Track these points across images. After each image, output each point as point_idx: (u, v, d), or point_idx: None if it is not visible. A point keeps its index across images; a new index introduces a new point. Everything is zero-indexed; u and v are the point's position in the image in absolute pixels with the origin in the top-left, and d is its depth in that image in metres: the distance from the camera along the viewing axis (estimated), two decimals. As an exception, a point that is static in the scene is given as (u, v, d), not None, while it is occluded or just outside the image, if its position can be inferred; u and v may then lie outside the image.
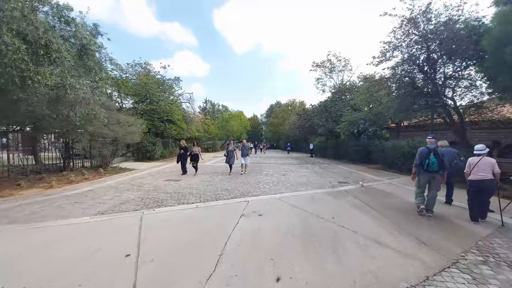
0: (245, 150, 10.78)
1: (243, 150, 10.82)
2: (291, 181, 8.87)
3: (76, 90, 5.15)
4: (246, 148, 10.90)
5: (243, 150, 10.80)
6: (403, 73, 9.47)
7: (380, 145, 13.65)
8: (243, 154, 10.72)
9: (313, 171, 12.43)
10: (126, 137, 11.57)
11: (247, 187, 7.51)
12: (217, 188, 7.33)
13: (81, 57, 6.06)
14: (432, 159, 4.59)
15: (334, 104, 19.42)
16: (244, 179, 9.14)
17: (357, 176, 10.48)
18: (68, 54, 5.30)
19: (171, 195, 6.44)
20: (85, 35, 5.95)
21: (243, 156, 10.71)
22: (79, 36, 5.73)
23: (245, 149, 10.83)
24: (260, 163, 16.85)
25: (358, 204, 5.71)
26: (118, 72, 19.00)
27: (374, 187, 7.99)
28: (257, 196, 6.36)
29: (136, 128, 12.18)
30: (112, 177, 9.47)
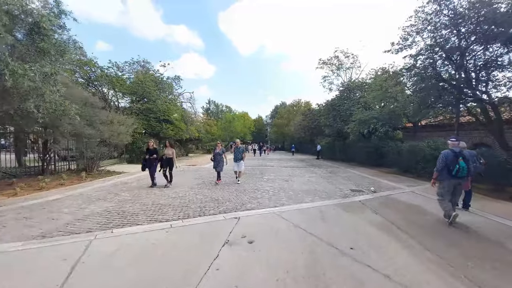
0: (238, 153, 8.41)
1: (236, 153, 8.47)
2: (295, 189, 7.60)
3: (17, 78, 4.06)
4: (240, 150, 8.47)
5: (236, 153, 8.45)
6: (427, 62, 8.07)
7: (395, 147, 12.23)
8: (236, 159, 8.44)
9: (320, 175, 11.12)
10: (113, 138, 10.53)
11: (241, 197, 6.28)
12: (205, 198, 6.12)
13: (31, 37, 5.00)
14: (462, 164, 4.14)
15: (343, 103, 18.04)
16: (240, 186, 7.92)
17: (371, 183, 9.12)
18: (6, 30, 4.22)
19: (147, 207, 5.27)
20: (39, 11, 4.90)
21: (236, 161, 8.46)
22: (28, 10, 4.68)
23: (238, 152, 8.43)
24: (262, 165, 15.61)
25: (382, 223, 4.41)
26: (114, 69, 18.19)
27: (394, 198, 6.64)
28: (252, 210, 5.12)
29: (125, 128, 11.12)
30: (92, 183, 8.40)
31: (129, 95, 18.00)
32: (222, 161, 8.35)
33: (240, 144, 8.82)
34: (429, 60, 8.19)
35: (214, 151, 8.59)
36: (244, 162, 8.56)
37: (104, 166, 12.17)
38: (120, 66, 18.86)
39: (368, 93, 13.70)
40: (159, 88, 19.21)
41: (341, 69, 23.06)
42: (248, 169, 13.35)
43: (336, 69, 23.46)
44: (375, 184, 8.79)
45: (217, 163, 8.31)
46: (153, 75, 20.25)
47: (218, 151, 8.38)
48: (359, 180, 9.90)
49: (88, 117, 9.66)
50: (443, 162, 4.29)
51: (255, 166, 15.37)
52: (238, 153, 8.47)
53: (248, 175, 10.68)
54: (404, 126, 14.00)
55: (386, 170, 13.07)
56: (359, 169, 13.85)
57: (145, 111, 16.97)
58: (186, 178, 9.66)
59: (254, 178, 9.80)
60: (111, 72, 17.57)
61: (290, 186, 8.16)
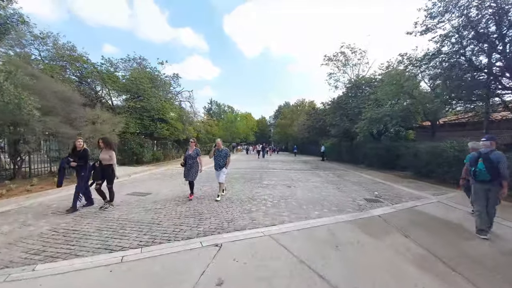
0: (220, 158, 6.12)
1: (216, 158, 6.15)
2: (299, 198, 6.36)
3: None
4: (223, 154, 6.16)
5: (217, 158, 6.14)
6: (456, 48, 6.76)
7: (412, 148, 10.88)
8: (217, 165, 6.12)
9: (327, 180, 9.85)
10: (95, 137, 9.43)
11: (232, 210, 5.06)
12: (187, 211, 4.93)
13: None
14: (480, 165, 3.84)
15: (350, 100, 16.73)
16: (233, 195, 6.71)
17: (387, 189, 7.83)
18: None
19: (106, 225, 4.11)
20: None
21: (216, 169, 6.15)
22: None
23: (220, 155, 6.13)
24: (262, 168, 14.39)
25: (422, 257, 3.14)
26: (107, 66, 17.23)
27: (422, 211, 5.35)
28: (241, 230, 3.90)
29: (109, 127, 10.03)
30: (62, 189, 7.28)
31: (123, 93, 16.99)
32: (195, 167, 6.01)
33: (221, 145, 6.30)
34: (458, 45, 6.87)
35: (185, 153, 6.16)
36: (227, 170, 6.35)
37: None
38: (114, 63, 17.86)
39: (380, 88, 12.36)
40: (155, 86, 18.17)
41: (348, 65, 21.70)
42: (247, 172, 12.15)
43: (342, 66, 22.11)
44: (392, 191, 7.51)
45: (188, 169, 5.94)
46: (150, 73, 19.26)
47: (190, 153, 5.99)
48: (372, 186, 8.60)
49: (65, 114, 8.62)
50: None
51: (255, 168, 14.16)
52: (220, 158, 6.11)
53: (245, 180, 9.48)
54: (420, 125, 12.63)
55: (400, 174, 11.73)
56: (369, 172, 12.53)
57: (139, 110, 15.93)
58: (175, 183, 8.50)
59: (252, 183, 8.59)
60: (103, 69, 16.58)
61: (292, 193, 6.92)
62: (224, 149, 6.27)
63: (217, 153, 6.19)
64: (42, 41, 15.03)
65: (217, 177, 6.22)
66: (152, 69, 20.13)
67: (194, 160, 5.98)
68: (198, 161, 6.04)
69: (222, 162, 6.12)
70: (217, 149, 6.23)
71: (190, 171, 5.99)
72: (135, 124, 15.02)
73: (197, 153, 6.09)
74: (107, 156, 5.22)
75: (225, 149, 6.28)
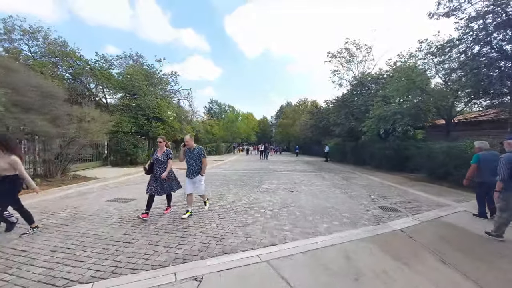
0: (192, 161, 4.53)
1: (188, 161, 4.57)
2: (303, 205, 5.52)
3: None
4: (195, 155, 4.54)
5: (189, 161, 4.56)
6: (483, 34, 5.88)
7: (425, 148, 9.99)
8: (190, 171, 4.55)
9: (333, 183, 8.99)
10: (80, 136, 8.68)
11: (222, 224, 4.21)
12: (169, 224, 4.10)
13: None
14: None
15: (356, 98, 15.84)
16: (227, 201, 5.88)
17: (402, 195, 6.98)
18: None
19: (65, 243, 3.30)
20: None
21: (189, 176, 4.57)
22: None
23: (192, 157, 4.53)
24: (262, 169, 13.55)
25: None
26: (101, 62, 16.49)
27: (451, 223, 4.49)
28: (231, 254, 3.06)
29: (97, 125, 9.26)
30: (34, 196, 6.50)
31: (118, 91, 16.24)
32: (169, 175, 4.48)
33: (192, 143, 4.60)
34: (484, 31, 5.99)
35: (152, 156, 4.61)
36: (204, 178, 4.69)
37: (78, 170, 10.36)
38: (108, 60, 17.12)
39: (389, 84, 11.47)
40: (151, 83, 17.42)
41: (352, 62, 20.82)
42: (246, 173, 11.32)
43: (346, 63, 21.24)
44: (407, 197, 6.64)
45: (154, 178, 4.42)
46: (146, 70, 18.51)
47: (158, 156, 4.44)
48: (383, 190, 7.74)
49: (46, 111, 7.85)
50: (507, 168, 3.52)
51: (255, 169, 13.33)
52: (192, 161, 4.51)
53: (243, 183, 8.65)
54: (434, 123, 11.72)
55: (411, 176, 10.85)
56: (377, 175, 11.66)
57: (134, 108, 15.17)
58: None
59: (250, 187, 7.76)
60: (97, 65, 15.84)
61: (296, 200, 6.08)
62: (197, 148, 4.62)
63: (188, 155, 4.53)
64: (32, 36, 14.34)
65: (192, 188, 4.56)
66: (149, 66, 19.42)
67: (165, 166, 4.46)
68: (168, 166, 4.45)
69: (196, 166, 4.51)
70: (188, 148, 4.53)
71: (155, 180, 4.39)
72: (129, 123, 14.25)
73: (168, 156, 4.47)
74: (5, 164, 3.35)
75: (198, 148, 4.62)
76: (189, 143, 4.55)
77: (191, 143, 4.59)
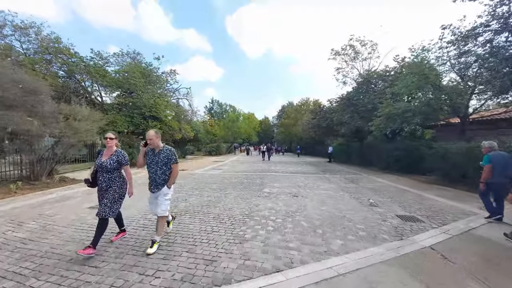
0: (156, 167, 3.16)
1: (150, 166, 3.18)
2: (310, 214, 4.83)
3: None
4: (162, 159, 3.17)
5: (151, 166, 3.17)
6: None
7: (439, 149, 9.25)
8: (153, 182, 3.18)
9: (340, 186, 8.29)
10: (67, 136, 8.05)
11: (215, 240, 3.51)
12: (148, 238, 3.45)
13: None
14: None
15: (362, 96, 15.12)
16: (223, 209, 5.20)
17: (418, 200, 6.26)
18: None
19: (16, 269, 2.64)
20: None
21: (152, 189, 3.21)
22: None
23: (155, 161, 3.17)
24: (264, 171, 12.87)
25: None
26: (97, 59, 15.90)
27: (488, 238, 3.77)
28: (222, 286, 2.39)
29: (86, 123, 8.63)
30: (15, 199, 5.88)
31: (113, 89, 15.64)
32: (118, 187, 3.16)
33: (159, 141, 3.20)
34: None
35: (96, 161, 3.20)
36: (171, 192, 3.33)
37: (67, 172, 9.75)
38: (104, 57, 16.51)
39: (400, 79, 10.74)
40: (148, 82, 16.80)
41: (357, 59, 20.05)
42: (246, 175, 10.63)
43: (350, 60, 20.47)
44: (425, 203, 5.93)
45: (103, 194, 3.14)
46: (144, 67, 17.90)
47: (102, 161, 3.10)
48: (397, 195, 7.03)
49: (29, 108, 7.24)
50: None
51: (256, 171, 12.65)
52: (156, 167, 3.17)
53: (243, 186, 7.97)
54: (448, 122, 10.98)
55: (422, 179, 10.15)
56: (385, 177, 10.94)
57: (129, 107, 14.55)
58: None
59: (251, 192, 7.08)
60: (91, 62, 15.25)
61: (301, 206, 5.39)
62: (165, 149, 3.19)
63: (151, 158, 3.18)
64: (23, 31, 13.77)
65: (151, 205, 3.27)
66: (147, 64, 18.82)
67: (114, 175, 3.11)
68: (124, 176, 3.24)
69: (162, 175, 3.15)
70: (151, 149, 3.19)
71: (106, 195, 3.05)
72: (124, 122, 13.63)
73: (119, 161, 3.13)
74: None
75: (166, 149, 3.20)
76: (153, 142, 3.09)
77: (156, 142, 3.12)
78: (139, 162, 3.28)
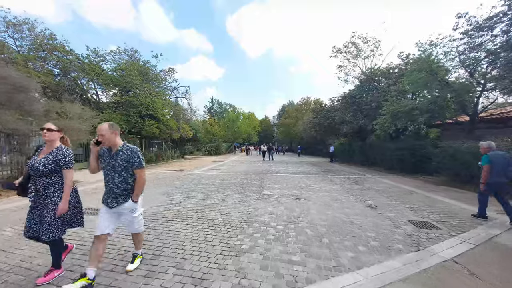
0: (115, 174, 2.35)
1: (107, 173, 2.37)
2: (315, 220, 4.42)
3: None
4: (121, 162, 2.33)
5: (109, 173, 2.36)
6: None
7: (449, 149, 8.82)
8: (111, 194, 2.36)
9: (344, 187, 7.88)
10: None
11: (208, 252, 3.12)
12: (131, 246, 3.04)
13: None
14: None
15: (364, 94, 14.68)
16: (219, 213, 4.78)
17: (429, 203, 5.84)
18: None
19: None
20: None
21: (107, 203, 2.38)
22: None
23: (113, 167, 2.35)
24: (264, 171, 12.46)
25: None
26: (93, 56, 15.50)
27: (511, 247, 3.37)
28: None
29: (78, 122, 8.23)
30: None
31: (109, 87, 15.24)
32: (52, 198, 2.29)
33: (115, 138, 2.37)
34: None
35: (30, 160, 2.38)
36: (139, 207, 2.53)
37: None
38: (100, 54, 16.11)
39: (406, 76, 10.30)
40: (146, 80, 16.41)
41: (359, 57, 19.59)
42: (246, 176, 10.22)
43: (352, 58, 20.02)
44: (436, 206, 5.51)
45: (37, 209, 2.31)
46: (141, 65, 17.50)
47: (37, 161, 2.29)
48: (405, 197, 6.61)
49: (16, 105, 6.85)
50: None
51: (257, 171, 12.24)
52: (113, 172, 2.35)
53: (242, 187, 7.56)
54: (455, 120, 10.55)
55: (429, 179, 9.74)
56: (390, 177, 10.53)
57: (125, 105, 14.15)
58: (152, 192, 6.61)
59: (250, 194, 6.66)
60: (86, 60, 14.85)
61: (304, 210, 4.98)
62: (126, 148, 2.39)
63: (106, 160, 2.38)
64: (16, 28, 13.37)
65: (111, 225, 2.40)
66: (145, 62, 18.42)
67: (52, 181, 2.32)
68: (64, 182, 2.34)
69: (121, 183, 2.36)
70: (107, 149, 2.40)
71: (44, 211, 2.28)
72: (120, 121, 13.23)
73: (57, 162, 2.31)
74: None
75: (127, 149, 2.39)
76: (106, 139, 2.29)
77: (110, 139, 2.31)
78: (92, 166, 2.42)
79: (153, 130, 14.26)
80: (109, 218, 2.40)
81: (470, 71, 8.75)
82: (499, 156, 4.48)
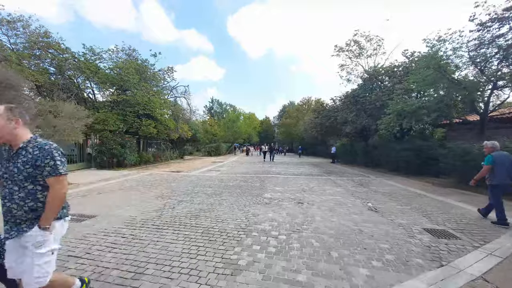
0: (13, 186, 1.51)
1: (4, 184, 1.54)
2: (320, 228, 4.01)
3: None
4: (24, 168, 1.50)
5: (5, 185, 1.53)
6: None
7: (459, 150, 8.40)
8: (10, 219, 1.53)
9: (348, 190, 7.47)
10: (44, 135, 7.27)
11: (198, 269, 2.72)
12: (114, 258, 2.64)
13: None
14: None
15: (368, 94, 14.27)
16: (215, 220, 4.37)
17: (441, 208, 5.43)
18: None
19: None
20: None
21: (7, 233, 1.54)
22: None
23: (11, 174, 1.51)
24: (264, 172, 12.05)
25: None
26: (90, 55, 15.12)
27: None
28: None
29: (69, 121, 7.85)
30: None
31: (106, 86, 14.85)
32: None
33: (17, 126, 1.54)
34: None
35: None
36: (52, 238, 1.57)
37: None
38: (97, 52, 15.72)
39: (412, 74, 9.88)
40: (143, 78, 16.02)
41: (362, 56, 19.18)
42: (246, 178, 9.80)
43: (355, 57, 19.62)
44: (451, 212, 5.09)
45: None
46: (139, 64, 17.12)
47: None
48: (415, 201, 6.19)
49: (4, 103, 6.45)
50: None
51: (257, 173, 11.84)
52: (10, 183, 1.51)
53: (241, 190, 7.15)
54: (463, 120, 10.13)
55: (437, 182, 9.31)
56: (396, 179, 10.11)
57: (122, 104, 13.76)
58: (147, 196, 6.20)
59: (249, 197, 6.26)
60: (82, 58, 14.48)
61: (308, 217, 4.57)
62: (34, 143, 1.57)
63: (4, 164, 1.56)
64: (10, 25, 13.01)
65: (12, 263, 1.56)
66: (143, 60, 18.04)
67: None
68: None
69: (22, 201, 1.51)
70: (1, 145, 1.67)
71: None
72: (116, 121, 12.84)
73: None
74: None
75: (36, 146, 1.55)
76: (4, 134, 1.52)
77: (5, 129, 1.51)
78: None
79: (151, 130, 13.86)
80: (9, 251, 1.57)
81: (480, 68, 8.33)
82: (503, 157, 4.38)
